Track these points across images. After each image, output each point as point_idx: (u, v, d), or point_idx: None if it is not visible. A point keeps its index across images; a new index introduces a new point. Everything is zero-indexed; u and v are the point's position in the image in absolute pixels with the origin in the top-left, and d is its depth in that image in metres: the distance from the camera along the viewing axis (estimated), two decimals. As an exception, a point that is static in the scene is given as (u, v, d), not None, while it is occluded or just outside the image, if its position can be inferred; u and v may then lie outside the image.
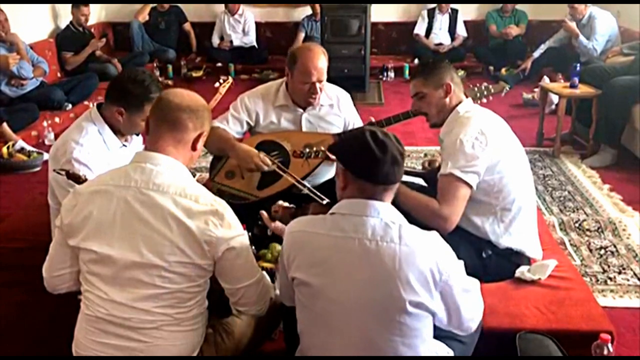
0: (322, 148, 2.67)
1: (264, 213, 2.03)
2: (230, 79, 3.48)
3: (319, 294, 1.53)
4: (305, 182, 2.59)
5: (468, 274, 1.64)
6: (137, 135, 2.44)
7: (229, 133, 2.75)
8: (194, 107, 1.70)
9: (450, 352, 1.69)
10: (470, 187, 2.19)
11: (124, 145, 2.37)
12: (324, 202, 1.94)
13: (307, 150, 2.65)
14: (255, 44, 7.42)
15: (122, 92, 2.26)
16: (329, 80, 2.80)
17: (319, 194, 2.38)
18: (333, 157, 2.65)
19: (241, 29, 7.38)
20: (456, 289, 1.52)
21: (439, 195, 2.20)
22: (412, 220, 1.67)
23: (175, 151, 1.68)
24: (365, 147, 1.53)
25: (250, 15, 7.40)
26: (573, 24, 5.78)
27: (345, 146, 1.62)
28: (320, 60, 2.64)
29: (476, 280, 1.65)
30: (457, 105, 2.33)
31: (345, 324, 1.51)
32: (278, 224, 2.03)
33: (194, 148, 1.73)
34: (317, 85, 2.66)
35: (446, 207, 2.17)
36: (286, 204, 2.00)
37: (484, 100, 2.69)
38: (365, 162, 1.54)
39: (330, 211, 1.60)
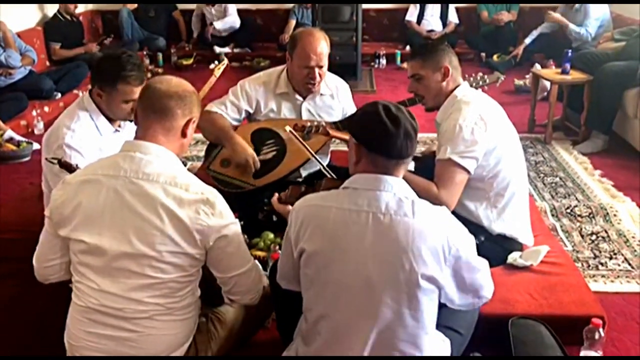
0: (323, 123, 2.65)
1: (276, 194, 1.98)
2: (226, 60, 3.39)
3: (330, 265, 1.53)
4: (318, 158, 2.55)
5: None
6: (130, 120, 2.36)
7: (226, 120, 2.73)
8: (181, 94, 1.68)
9: (446, 340, 1.69)
10: (468, 172, 2.19)
11: (117, 130, 2.34)
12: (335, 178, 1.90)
13: (309, 124, 2.63)
14: (237, 25, 7.29)
15: (97, 71, 2.24)
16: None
17: (331, 172, 2.34)
18: (333, 133, 2.64)
19: (223, 15, 7.30)
20: (464, 264, 1.54)
21: (436, 179, 2.20)
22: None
23: (165, 139, 1.66)
24: (378, 121, 1.53)
25: (232, 8, 7.29)
26: (557, 15, 5.77)
27: (359, 120, 1.61)
28: (321, 45, 2.62)
29: (484, 261, 1.66)
30: (454, 89, 2.32)
31: (355, 296, 1.51)
32: (288, 207, 1.96)
33: (184, 135, 1.71)
34: (317, 70, 2.63)
35: (444, 192, 2.17)
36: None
37: (479, 90, 2.68)
38: (378, 136, 1.54)
39: (343, 185, 1.60)
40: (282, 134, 2.70)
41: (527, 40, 6.35)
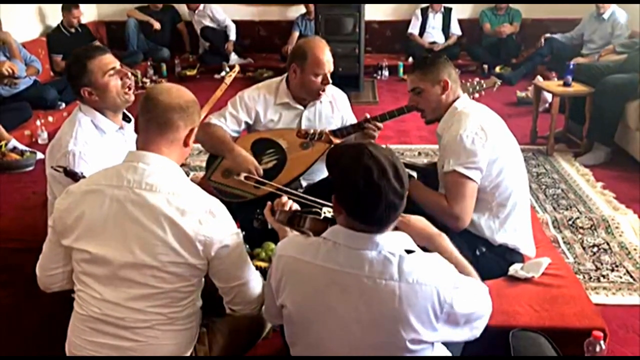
0: (326, 130, 2.68)
1: (269, 204, 1.95)
2: (237, 68, 3.38)
3: (312, 327, 1.46)
4: (289, 189, 2.58)
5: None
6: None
7: (226, 132, 2.74)
8: (183, 105, 1.68)
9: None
10: (476, 182, 2.19)
11: (120, 128, 2.31)
12: (322, 217, 1.88)
13: (312, 131, 2.66)
14: (228, 22, 7.32)
15: (71, 78, 2.23)
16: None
17: (313, 199, 2.36)
18: (336, 140, 2.66)
19: (207, 21, 7.32)
20: (459, 314, 1.42)
21: (446, 193, 2.21)
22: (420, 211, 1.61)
23: (168, 150, 1.67)
24: (355, 190, 1.37)
25: (215, 7, 7.32)
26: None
27: (337, 176, 1.44)
28: (328, 52, 2.70)
29: (481, 290, 1.53)
30: (453, 101, 2.33)
31: None
32: (277, 224, 1.90)
33: (185, 144, 1.71)
34: (328, 75, 2.69)
35: (456, 205, 2.18)
36: (289, 203, 1.94)
37: (477, 95, 2.70)
38: (355, 205, 1.41)
39: (324, 236, 1.48)
40: (282, 143, 2.72)
41: (549, 35, 6.28)
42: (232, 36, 7.31)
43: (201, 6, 7.28)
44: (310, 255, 1.46)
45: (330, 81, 2.71)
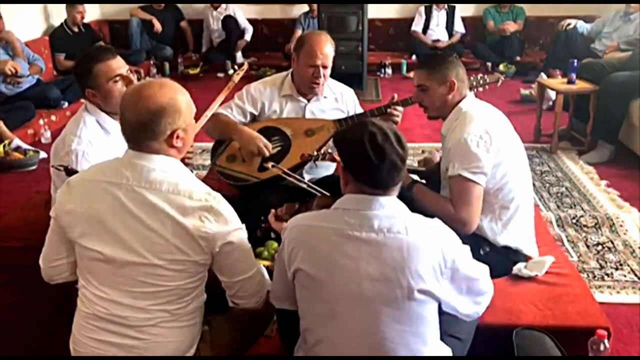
0: (330, 151, 2.69)
1: (273, 211, 1.99)
2: (246, 65, 3.37)
3: (325, 287, 1.52)
4: (296, 175, 2.60)
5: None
6: None
7: (232, 119, 2.79)
8: (151, 116, 1.57)
9: (448, 350, 1.68)
10: (481, 186, 2.18)
11: None
12: (329, 195, 1.91)
13: (316, 153, 2.66)
14: (246, 24, 7.39)
15: (77, 76, 2.25)
16: (328, 76, 2.81)
17: (313, 186, 2.38)
18: (339, 159, 2.67)
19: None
20: (462, 275, 1.55)
21: (451, 198, 2.20)
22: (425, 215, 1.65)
23: (161, 152, 1.64)
24: (362, 152, 1.50)
25: (236, 7, 7.36)
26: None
27: (344, 146, 1.59)
28: (327, 46, 2.69)
29: (484, 266, 1.67)
30: (459, 101, 2.32)
31: (353, 316, 1.50)
32: (284, 224, 1.92)
33: (170, 146, 1.64)
34: (322, 70, 2.68)
35: (462, 210, 2.17)
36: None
37: (480, 90, 2.68)
38: (361, 168, 1.52)
39: (334, 206, 1.59)
40: (287, 130, 2.75)
41: (577, 24, 6.07)
42: (248, 37, 7.38)
43: (223, 5, 7.31)
44: (321, 220, 1.57)
45: (322, 75, 2.69)
